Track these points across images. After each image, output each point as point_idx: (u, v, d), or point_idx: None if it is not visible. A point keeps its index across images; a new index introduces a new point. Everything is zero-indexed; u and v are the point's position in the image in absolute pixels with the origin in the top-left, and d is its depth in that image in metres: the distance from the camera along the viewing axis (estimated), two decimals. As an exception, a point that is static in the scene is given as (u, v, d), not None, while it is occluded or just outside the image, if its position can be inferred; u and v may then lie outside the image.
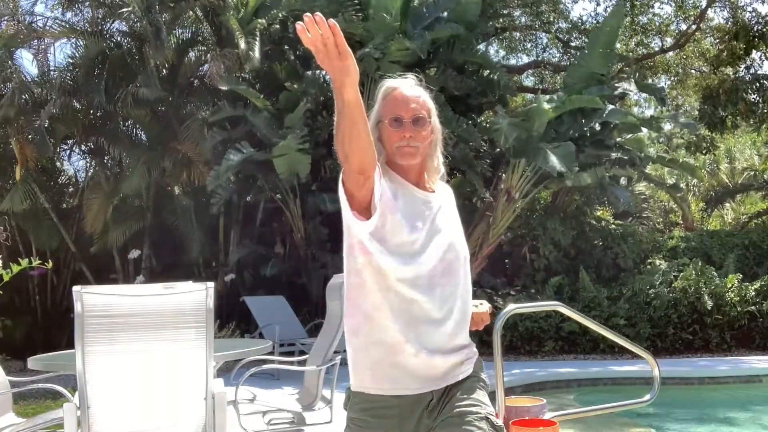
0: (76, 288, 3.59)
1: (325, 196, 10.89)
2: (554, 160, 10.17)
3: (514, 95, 15.01)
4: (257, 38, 11.13)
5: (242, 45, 10.84)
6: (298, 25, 1.75)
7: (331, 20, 1.75)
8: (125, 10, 11.15)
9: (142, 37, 11.39)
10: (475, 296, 2.30)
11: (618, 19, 12.31)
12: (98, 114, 12.21)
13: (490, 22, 13.32)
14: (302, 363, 5.36)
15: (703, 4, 15.98)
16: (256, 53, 10.96)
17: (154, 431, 3.65)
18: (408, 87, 2.22)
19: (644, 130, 12.89)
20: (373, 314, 2.08)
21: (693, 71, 17.38)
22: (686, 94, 18.77)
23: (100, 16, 12.34)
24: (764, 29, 14.02)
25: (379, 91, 2.23)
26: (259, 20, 11.38)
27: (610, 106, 11.72)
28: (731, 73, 15.19)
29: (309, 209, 11.55)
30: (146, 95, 10.99)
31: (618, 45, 13.94)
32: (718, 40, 15.43)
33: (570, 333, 10.71)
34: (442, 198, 2.26)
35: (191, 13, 12.14)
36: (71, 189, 13.58)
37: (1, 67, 11.34)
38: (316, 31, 1.74)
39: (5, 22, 12.36)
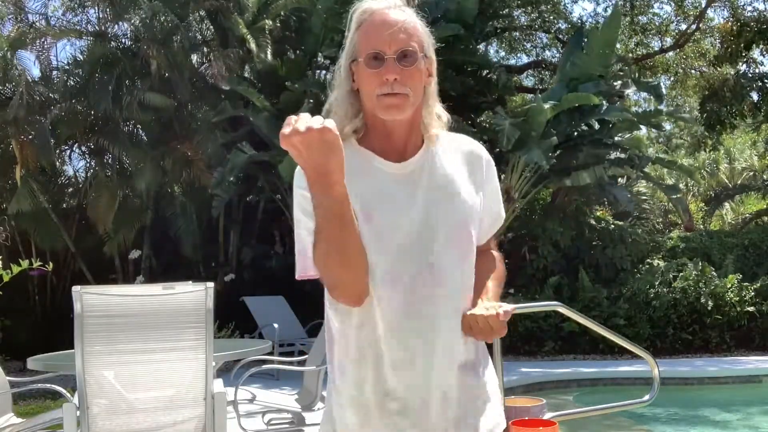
0: (75, 288, 3.58)
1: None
2: (537, 153, 10.24)
3: (513, 95, 15.02)
4: (268, 40, 11.17)
5: (253, 47, 10.89)
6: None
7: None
8: (132, 16, 11.18)
9: (147, 38, 11.40)
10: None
11: (615, 23, 12.29)
12: (99, 114, 12.23)
13: (490, 22, 13.32)
14: (302, 363, 5.35)
15: (703, 3, 15.99)
16: (269, 55, 11.02)
17: (153, 431, 3.65)
18: (392, 9, 1.56)
19: (643, 129, 12.91)
20: None
21: (693, 71, 17.39)
22: (686, 95, 18.77)
23: (102, 17, 12.37)
24: (764, 27, 14.03)
25: (351, 18, 1.58)
26: (267, 21, 11.42)
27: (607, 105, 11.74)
28: (732, 72, 15.21)
29: (309, 209, 11.53)
30: (153, 101, 10.98)
31: (618, 45, 13.94)
32: (719, 39, 15.43)
33: (570, 333, 10.71)
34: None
35: (196, 14, 12.17)
36: (71, 189, 13.59)
37: (7, 69, 11.35)
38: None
39: (11, 23, 12.37)
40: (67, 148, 13.22)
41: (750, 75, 15.02)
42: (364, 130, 1.60)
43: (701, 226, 18.59)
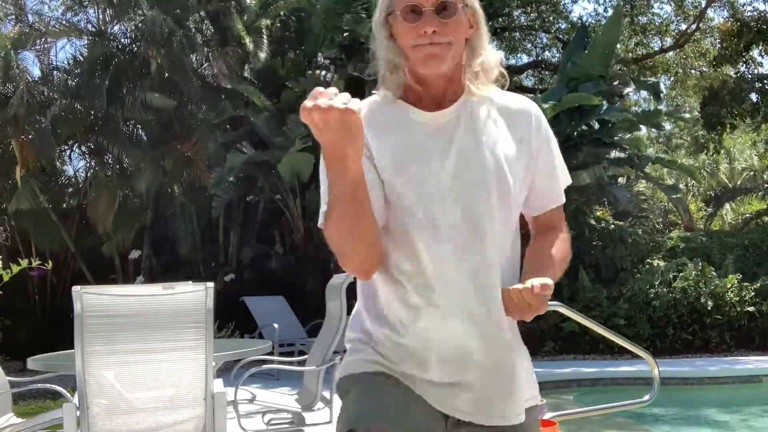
0: (75, 288, 3.57)
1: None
2: None
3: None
4: (264, 37, 11.18)
5: (249, 46, 10.89)
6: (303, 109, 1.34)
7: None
8: (133, 16, 11.19)
9: (147, 38, 11.41)
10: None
11: (616, 23, 12.27)
12: (99, 114, 12.24)
13: (490, 22, 13.33)
14: (302, 363, 5.35)
15: (703, 3, 15.99)
16: (264, 52, 11.03)
17: (153, 431, 3.65)
18: None
19: (643, 129, 12.91)
20: None
21: (693, 71, 17.39)
22: (686, 95, 18.77)
23: (102, 18, 12.38)
24: (764, 27, 14.03)
25: None
26: (265, 20, 11.43)
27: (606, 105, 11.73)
28: (732, 73, 15.21)
29: (309, 209, 11.55)
30: (153, 101, 10.98)
31: (618, 45, 13.96)
32: (719, 39, 15.44)
33: (570, 333, 10.70)
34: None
35: (196, 15, 12.18)
36: (71, 189, 13.59)
37: (7, 68, 11.35)
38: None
39: (11, 23, 12.38)
40: (67, 148, 13.22)
41: (749, 76, 15.03)
42: (402, 86, 1.56)
43: (701, 227, 18.57)
